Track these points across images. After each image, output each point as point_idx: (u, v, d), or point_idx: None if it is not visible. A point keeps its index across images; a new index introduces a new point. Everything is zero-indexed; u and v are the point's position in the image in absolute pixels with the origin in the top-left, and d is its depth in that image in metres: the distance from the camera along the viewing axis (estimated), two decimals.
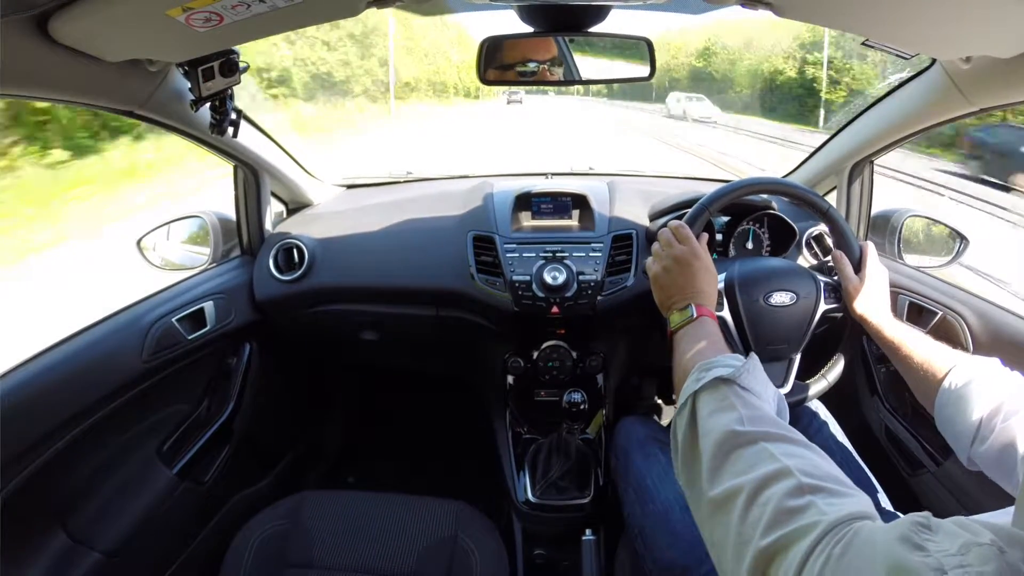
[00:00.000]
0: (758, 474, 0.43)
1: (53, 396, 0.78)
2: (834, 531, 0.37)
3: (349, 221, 1.24)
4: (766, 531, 0.39)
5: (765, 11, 0.69)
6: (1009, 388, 0.63)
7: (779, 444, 0.46)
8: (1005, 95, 0.74)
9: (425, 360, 1.42)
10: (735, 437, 0.48)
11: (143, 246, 1.12)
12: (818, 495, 0.40)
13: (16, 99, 0.69)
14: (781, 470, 0.43)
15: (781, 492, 0.41)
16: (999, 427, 0.59)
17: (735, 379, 0.54)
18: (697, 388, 0.55)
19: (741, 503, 0.43)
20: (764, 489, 0.42)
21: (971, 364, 0.67)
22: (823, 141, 1.23)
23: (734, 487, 0.44)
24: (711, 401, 0.53)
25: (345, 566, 0.89)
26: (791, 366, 0.86)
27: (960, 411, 0.64)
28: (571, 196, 1.19)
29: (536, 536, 1.14)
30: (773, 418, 0.51)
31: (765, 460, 0.45)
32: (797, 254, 1.12)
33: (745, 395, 0.53)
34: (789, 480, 0.42)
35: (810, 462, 0.44)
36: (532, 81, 0.91)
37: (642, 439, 0.95)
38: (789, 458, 0.44)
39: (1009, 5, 0.54)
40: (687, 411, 0.55)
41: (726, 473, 0.46)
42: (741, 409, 0.51)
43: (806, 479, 0.41)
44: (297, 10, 0.60)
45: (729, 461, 0.47)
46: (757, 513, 0.41)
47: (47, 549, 0.82)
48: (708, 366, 0.57)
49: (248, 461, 1.23)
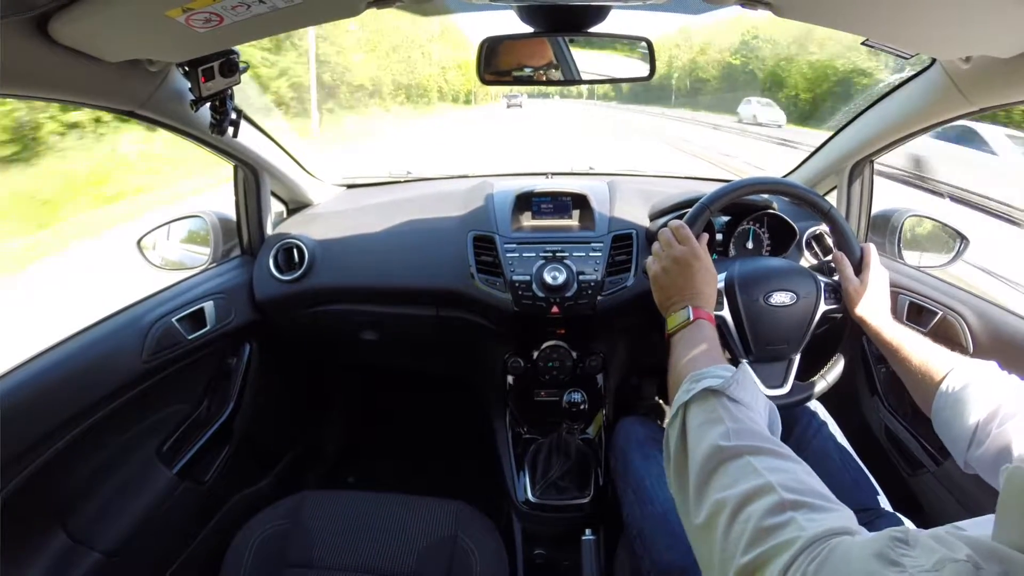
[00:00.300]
0: (741, 490, 0.44)
1: (53, 396, 0.79)
2: (811, 548, 0.37)
3: (349, 221, 1.24)
4: (747, 548, 0.40)
5: (764, 11, 0.69)
6: (1006, 392, 0.63)
7: (763, 458, 0.47)
8: (1005, 95, 0.74)
9: (425, 360, 1.42)
10: (720, 452, 0.49)
11: (143, 246, 1.12)
12: (799, 511, 0.41)
13: (16, 99, 0.69)
14: (763, 486, 0.43)
15: (762, 509, 0.42)
16: (995, 431, 0.59)
17: (724, 390, 0.54)
18: (687, 399, 0.56)
19: (724, 520, 0.44)
20: (746, 505, 0.43)
21: (969, 367, 0.67)
22: (823, 141, 1.23)
23: (718, 503, 0.45)
24: (700, 413, 0.54)
25: (345, 566, 0.89)
26: (791, 366, 0.86)
27: (957, 415, 0.64)
28: (571, 196, 1.19)
29: (536, 536, 1.14)
30: (760, 431, 0.51)
31: (748, 475, 0.45)
32: (797, 254, 1.12)
33: (733, 407, 0.53)
34: (771, 496, 0.42)
35: (793, 476, 0.45)
36: (532, 81, 0.91)
37: (641, 440, 0.95)
38: (772, 473, 0.45)
39: (1009, 5, 0.54)
40: (678, 422, 0.56)
41: (711, 489, 0.47)
42: (728, 423, 0.51)
43: (788, 495, 0.42)
44: (297, 11, 0.60)
45: (715, 477, 0.48)
46: (739, 530, 0.42)
47: (47, 549, 0.82)
48: (699, 377, 0.58)
49: (248, 461, 1.23)
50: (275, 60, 11.34)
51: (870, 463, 0.87)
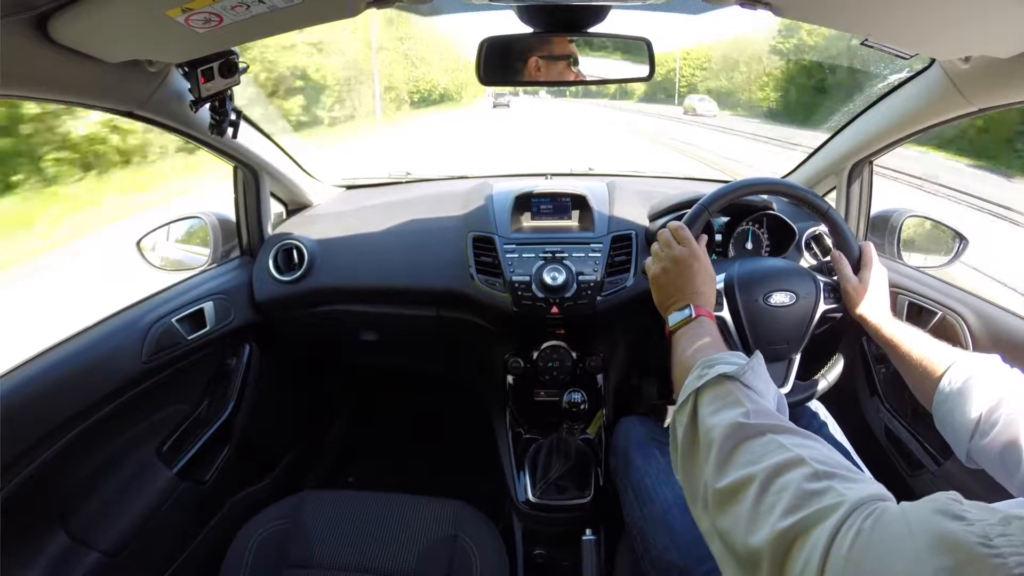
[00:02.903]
0: (770, 463, 0.43)
1: (53, 396, 0.79)
2: (860, 508, 0.36)
3: (349, 221, 1.24)
4: (785, 514, 0.38)
5: (764, 11, 0.69)
6: (1009, 384, 0.62)
7: (788, 436, 0.46)
8: (1004, 95, 0.74)
9: (425, 360, 1.42)
10: (742, 429, 0.47)
11: (142, 247, 1.12)
12: (835, 480, 0.39)
13: (16, 99, 0.69)
14: (793, 459, 0.42)
15: (799, 477, 0.40)
16: (1000, 424, 0.59)
17: (739, 376, 0.54)
18: (700, 384, 0.55)
19: (753, 492, 0.42)
20: (778, 477, 0.41)
21: (970, 361, 0.67)
22: (823, 141, 1.23)
23: (744, 476, 0.43)
24: (715, 398, 0.53)
25: (345, 566, 0.89)
26: (791, 366, 0.86)
27: (959, 408, 0.64)
28: (571, 197, 1.19)
29: (536, 536, 1.14)
30: (778, 415, 0.51)
31: (775, 450, 0.44)
32: (797, 254, 1.12)
33: (749, 392, 0.53)
34: (804, 467, 0.41)
35: (821, 452, 0.44)
36: (532, 82, 0.91)
37: (641, 439, 0.95)
38: (800, 448, 0.44)
39: (1009, 5, 0.54)
40: (688, 407, 0.55)
41: (734, 464, 0.46)
42: (747, 404, 0.50)
43: (820, 466, 0.41)
44: (296, 11, 0.60)
45: (737, 452, 0.46)
46: (772, 500, 0.40)
47: (47, 549, 0.82)
48: (711, 363, 0.57)
49: (248, 461, 1.23)
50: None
51: (870, 463, 0.87)
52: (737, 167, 8.19)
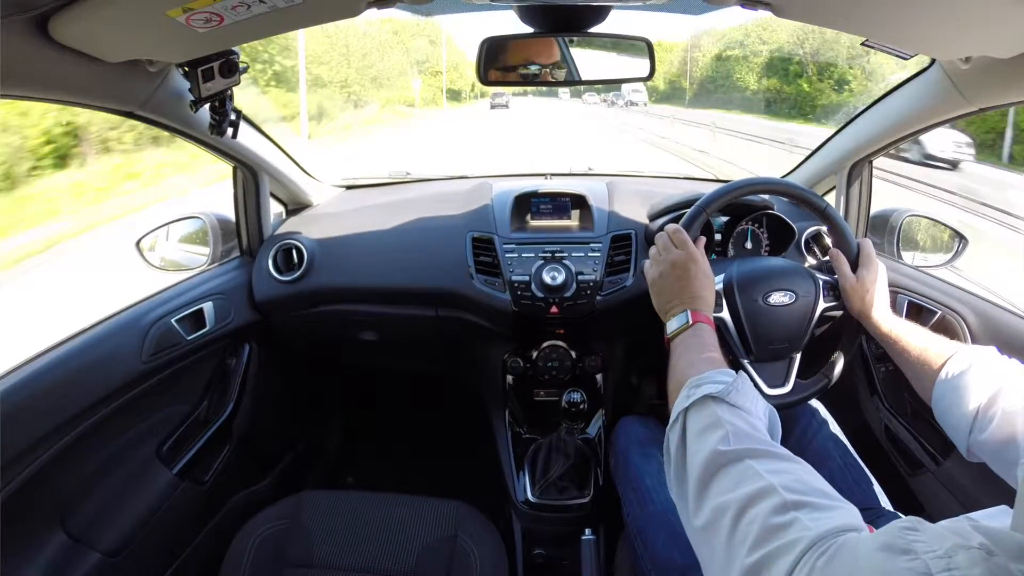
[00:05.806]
0: (742, 493, 0.44)
1: (53, 396, 0.78)
2: (817, 545, 0.37)
3: (348, 222, 1.24)
4: (752, 549, 0.40)
5: (764, 11, 0.69)
6: (1007, 375, 0.62)
7: (764, 461, 0.47)
8: (1004, 95, 0.74)
9: (424, 360, 1.42)
10: (720, 457, 0.49)
11: (142, 247, 1.12)
12: (802, 510, 0.41)
13: (16, 99, 0.69)
14: (765, 488, 0.43)
15: (766, 510, 0.42)
16: (999, 415, 0.59)
17: (724, 397, 0.55)
18: (687, 405, 0.56)
19: (728, 523, 0.44)
20: (749, 508, 0.43)
21: (968, 353, 0.67)
22: (822, 141, 1.23)
23: (720, 506, 0.45)
24: (700, 419, 0.54)
25: (345, 566, 0.89)
26: (792, 365, 0.86)
27: (958, 400, 0.64)
28: (570, 196, 1.19)
29: (536, 536, 1.14)
30: (758, 435, 0.52)
31: (750, 478, 0.45)
32: (796, 254, 1.12)
33: (733, 413, 0.54)
34: (773, 498, 0.42)
35: (794, 477, 0.45)
36: (532, 81, 0.91)
37: (641, 439, 0.95)
38: (774, 475, 0.45)
39: (1009, 5, 0.54)
40: (679, 427, 0.56)
41: (712, 493, 0.47)
42: (728, 427, 0.51)
43: (790, 495, 0.42)
44: (297, 11, 0.60)
45: (715, 481, 0.48)
46: (743, 532, 0.42)
47: (47, 549, 0.81)
48: (698, 382, 0.58)
49: (248, 461, 1.23)
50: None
51: (870, 463, 0.87)
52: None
